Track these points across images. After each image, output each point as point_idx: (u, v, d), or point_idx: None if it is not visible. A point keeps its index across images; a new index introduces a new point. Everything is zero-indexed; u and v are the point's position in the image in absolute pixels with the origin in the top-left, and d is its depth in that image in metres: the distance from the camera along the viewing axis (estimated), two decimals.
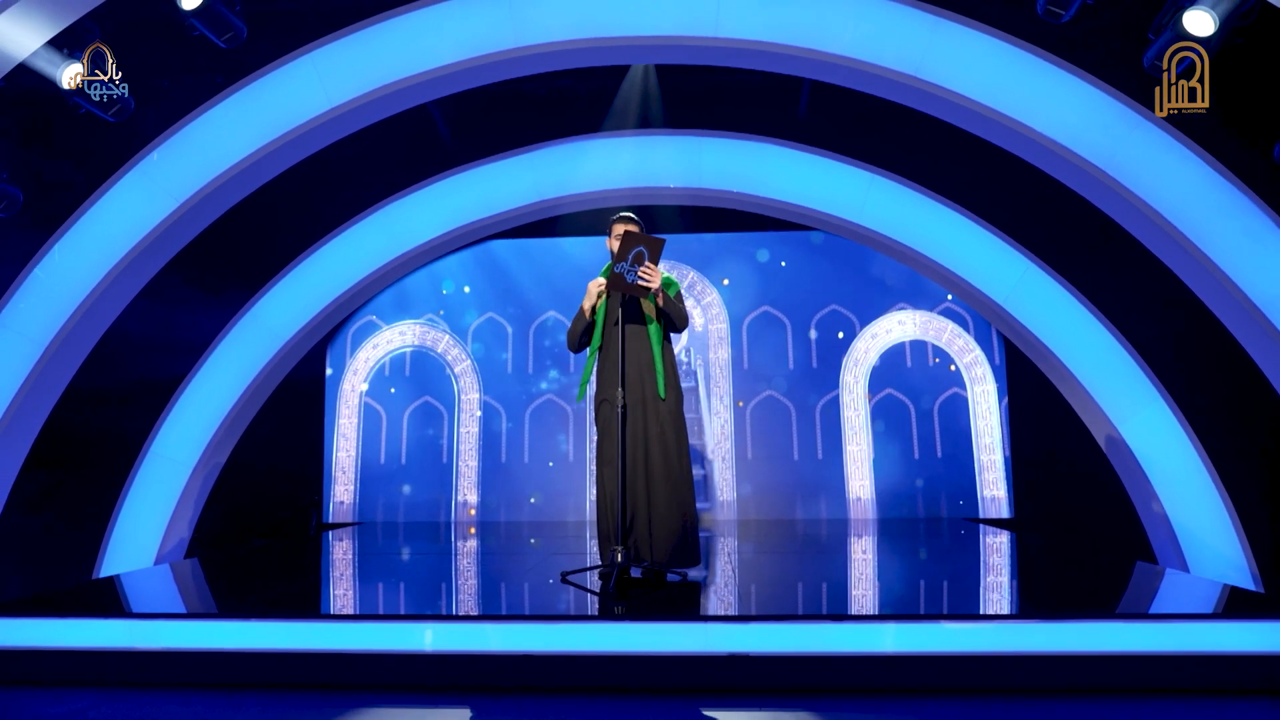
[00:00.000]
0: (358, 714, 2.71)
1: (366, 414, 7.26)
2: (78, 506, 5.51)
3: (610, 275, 3.43)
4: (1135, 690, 2.83)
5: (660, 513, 3.59)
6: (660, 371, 3.60)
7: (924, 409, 7.02)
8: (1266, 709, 2.67)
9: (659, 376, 3.60)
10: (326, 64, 4.71)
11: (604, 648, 2.95)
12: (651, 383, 3.61)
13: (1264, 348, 4.42)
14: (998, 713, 2.67)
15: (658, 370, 3.61)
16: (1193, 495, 5.28)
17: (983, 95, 4.54)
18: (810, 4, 4.59)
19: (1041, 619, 2.93)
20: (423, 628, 3.01)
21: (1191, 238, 4.39)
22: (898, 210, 5.70)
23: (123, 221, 4.76)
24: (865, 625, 2.95)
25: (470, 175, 5.83)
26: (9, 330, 4.70)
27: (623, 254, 3.42)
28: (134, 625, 3.12)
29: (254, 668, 2.96)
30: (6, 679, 3.11)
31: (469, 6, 4.64)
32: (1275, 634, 2.84)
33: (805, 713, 2.69)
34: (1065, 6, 3.92)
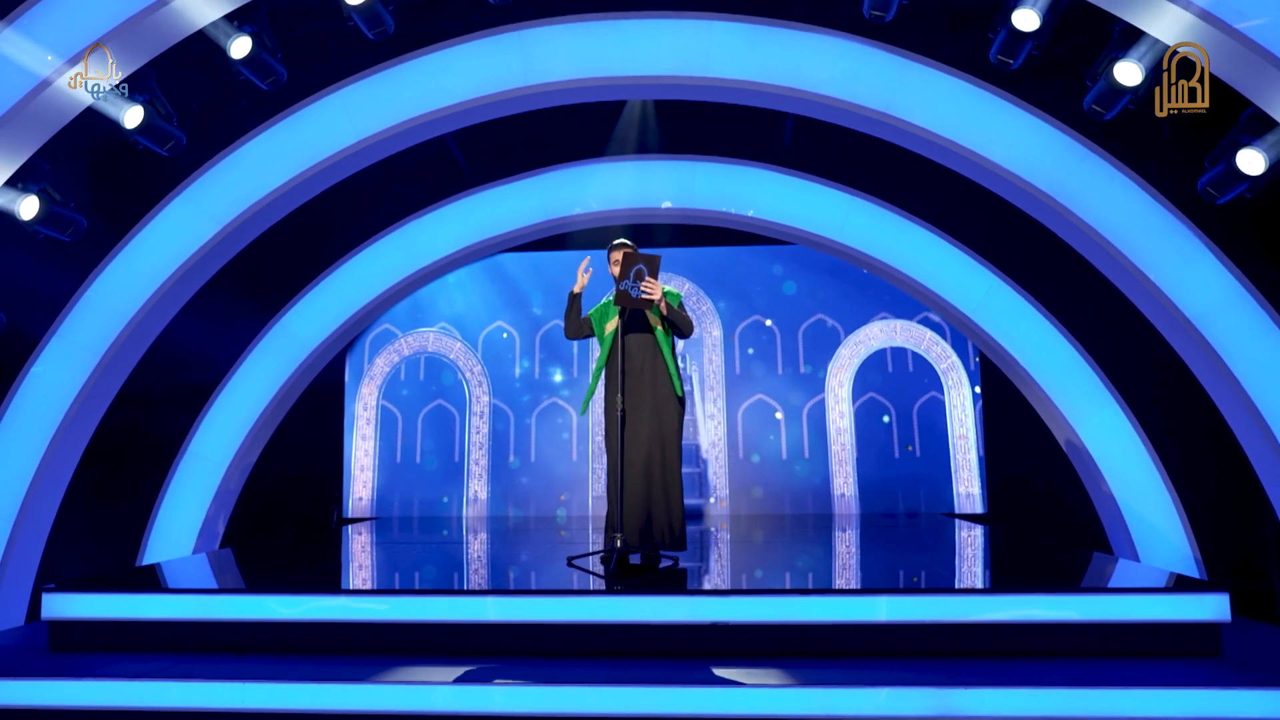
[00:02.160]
0: (394, 670, 3.22)
1: (383, 416, 7.76)
2: (123, 500, 6.01)
3: (616, 293, 3.92)
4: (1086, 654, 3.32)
5: (657, 506, 4.10)
6: (674, 373, 4.08)
7: (904, 411, 7.52)
8: (1196, 668, 3.17)
9: (673, 377, 4.07)
10: (355, 100, 5.22)
11: (606, 618, 3.45)
12: (665, 383, 4.08)
13: (1196, 357, 4.92)
14: (944, 672, 3.18)
15: (671, 372, 4.08)
16: (1143, 491, 5.77)
17: (946, 129, 5.04)
18: (792, 47, 5.09)
19: (999, 593, 3.44)
20: (451, 601, 3.52)
21: (1131, 258, 4.89)
22: (875, 229, 6.20)
23: (170, 243, 5.27)
24: (829, 598, 3.46)
25: (482, 196, 6.34)
26: (68, 341, 5.20)
27: (625, 273, 3.90)
28: (202, 600, 3.63)
29: (292, 635, 3.48)
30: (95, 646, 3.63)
31: (483, 49, 5.15)
32: (1198, 605, 3.35)
33: (778, 670, 3.19)
34: (1014, 56, 4.42)
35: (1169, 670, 3.15)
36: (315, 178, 5.29)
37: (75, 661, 3.48)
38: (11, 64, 4.19)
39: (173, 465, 6.20)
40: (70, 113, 4.44)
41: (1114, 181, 4.88)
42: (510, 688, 3.05)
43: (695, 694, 3.02)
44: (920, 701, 2.99)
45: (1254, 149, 4.13)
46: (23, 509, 5.14)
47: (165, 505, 6.17)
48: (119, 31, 4.21)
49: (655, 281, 3.90)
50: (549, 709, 3.03)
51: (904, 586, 3.68)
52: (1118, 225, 4.92)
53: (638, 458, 4.07)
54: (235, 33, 4.58)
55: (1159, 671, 3.13)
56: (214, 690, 3.15)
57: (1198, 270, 4.78)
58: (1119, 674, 3.09)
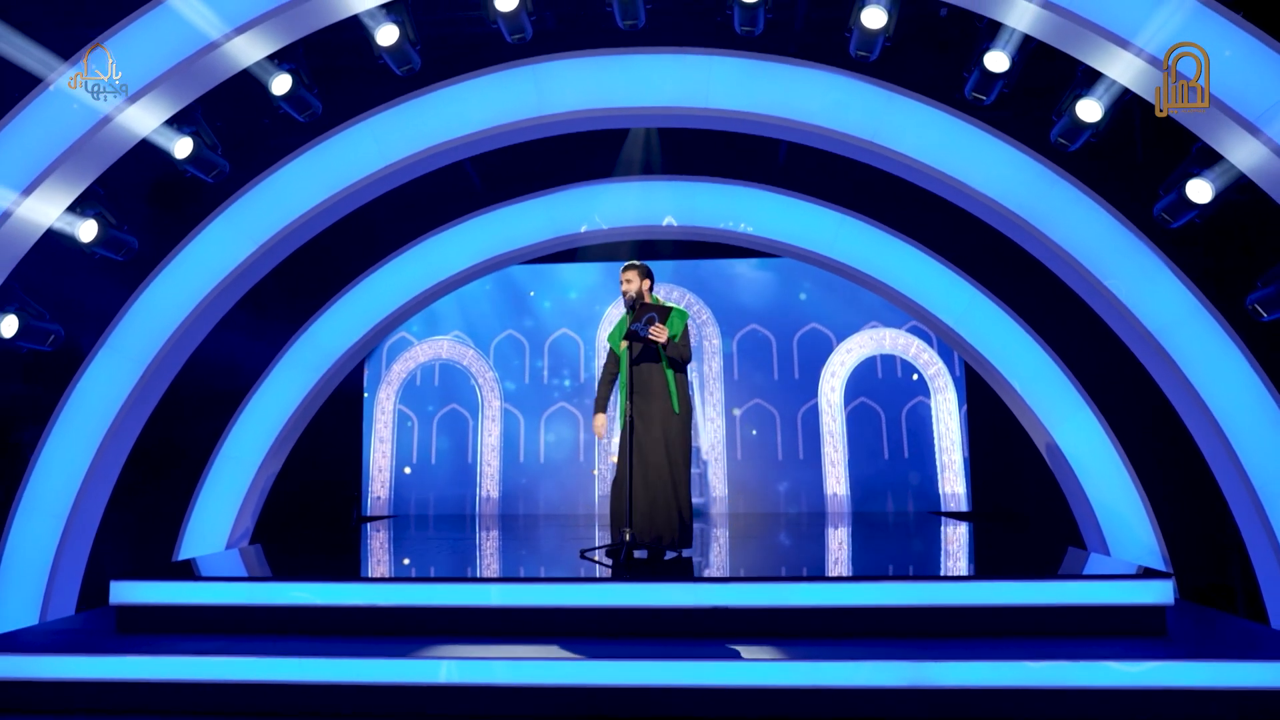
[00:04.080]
0: (432, 647, 3.64)
1: (400, 420, 8.19)
2: (161, 499, 6.43)
3: (628, 331, 4.52)
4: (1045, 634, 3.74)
5: (666, 505, 4.53)
6: (674, 394, 4.58)
7: (893, 415, 7.95)
8: (1141, 645, 3.61)
9: (673, 397, 4.57)
10: (382, 129, 5.64)
11: (618, 602, 3.88)
12: (666, 402, 4.58)
13: (1158, 366, 5.35)
14: (920, 648, 3.61)
15: (671, 393, 4.58)
16: (1114, 490, 6.19)
17: (927, 156, 5.47)
18: (784, 80, 5.51)
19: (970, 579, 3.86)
20: (487, 587, 3.95)
21: (1098, 275, 5.32)
22: (863, 245, 6.63)
23: (210, 261, 5.69)
24: (818, 585, 3.89)
25: (496, 215, 6.76)
26: (116, 352, 5.62)
27: (637, 318, 4.47)
28: (253, 587, 4.06)
29: (330, 619, 3.91)
30: (157, 629, 4.05)
31: (500, 82, 5.57)
32: (1145, 590, 3.80)
33: (772, 647, 3.62)
34: (986, 93, 4.85)
35: (1116, 646, 3.57)
36: (345, 200, 5.71)
37: (141, 641, 3.90)
38: (76, 101, 4.61)
39: (206, 466, 6.61)
40: (127, 145, 4.86)
41: (1081, 205, 5.31)
42: (537, 662, 3.48)
43: (699, 667, 3.44)
44: (897, 674, 3.41)
45: (1202, 179, 4.56)
46: (74, 507, 5.55)
47: (199, 504, 6.58)
48: (174, 72, 4.63)
49: (663, 327, 4.46)
50: (572, 680, 3.45)
51: (885, 575, 4.11)
52: (1085, 245, 5.34)
53: (646, 462, 4.52)
54: (276, 71, 5.01)
55: (1107, 647, 3.56)
56: (262, 665, 3.56)
57: (1157, 287, 5.20)
58: (1072, 650, 3.52)
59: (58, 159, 4.64)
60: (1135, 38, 4.26)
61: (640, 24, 5.04)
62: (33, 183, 4.64)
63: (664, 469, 4.53)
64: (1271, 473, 5.07)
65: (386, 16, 4.90)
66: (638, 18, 4.98)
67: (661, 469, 4.52)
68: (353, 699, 3.46)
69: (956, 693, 3.37)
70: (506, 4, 4.90)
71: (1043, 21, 4.44)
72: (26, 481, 5.53)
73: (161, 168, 5.20)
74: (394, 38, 4.95)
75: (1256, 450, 5.11)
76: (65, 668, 3.66)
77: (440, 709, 3.42)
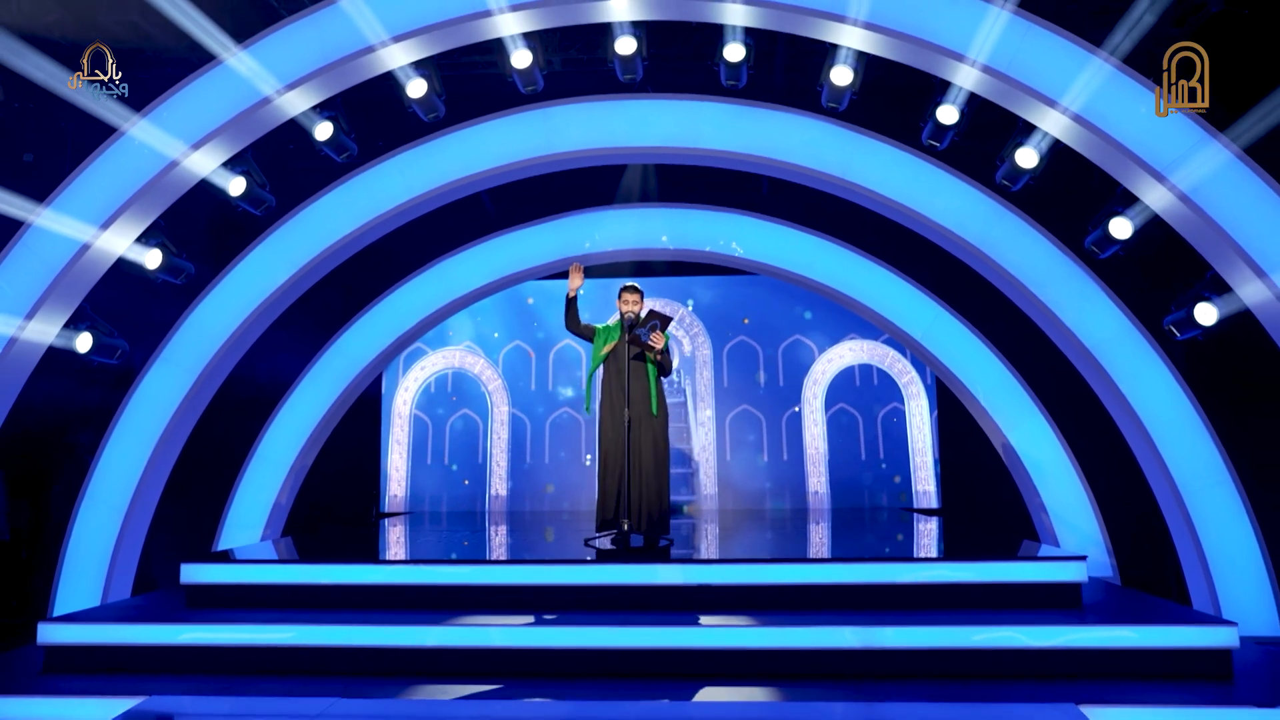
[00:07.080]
0: (455, 618, 4.32)
1: (415, 424, 8.88)
2: (203, 495, 7.11)
3: (630, 334, 5.09)
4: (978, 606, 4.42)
5: (650, 497, 5.21)
6: (654, 396, 5.23)
7: (870, 420, 8.66)
8: (1056, 614, 4.29)
9: (653, 400, 5.24)
10: (409, 165, 6.34)
11: (619, 580, 4.56)
12: (647, 403, 5.24)
13: (1095, 377, 6.07)
14: (872, 617, 4.30)
15: (652, 396, 5.24)
16: (1062, 486, 6.89)
17: (891, 191, 6.18)
18: (765, 123, 6.23)
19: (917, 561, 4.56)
20: (513, 569, 4.64)
21: (1041, 297, 6.02)
22: (838, 266, 7.33)
23: (254, 282, 6.38)
24: (789, 565, 4.58)
25: (508, 238, 7.47)
26: (171, 363, 6.31)
27: (644, 322, 5.09)
28: (305, 568, 4.74)
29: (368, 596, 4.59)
30: (221, 604, 4.72)
31: (514, 124, 6.28)
32: (1063, 569, 4.50)
33: (747, 617, 4.31)
34: (940, 139, 5.56)
35: (1034, 615, 4.27)
36: (375, 228, 6.41)
37: (209, 614, 4.58)
38: (146, 148, 5.30)
39: (243, 465, 7.28)
40: (189, 184, 5.55)
41: (1027, 235, 6.03)
42: (550, 629, 4.17)
43: (685, 631, 4.13)
44: (851, 636, 4.10)
45: (1124, 217, 5.27)
46: (133, 501, 6.25)
47: (237, 499, 7.26)
48: (233, 123, 5.33)
49: (663, 336, 5.09)
50: (579, 644, 4.13)
51: (846, 557, 4.80)
52: (1030, 270, 6.06)
53: (637, 458, 5.19)
54: (318, 118, 5.70)
55: (1026, 615, 4.26)
56: (315, 631, 4.25)
57: (1094, 308, 5.92)
58: (997, 618, 4.21)
59: (130, 198, 5.34)
60: (1061, 99, 4.97)
61: (638, 78, 5.74)
62: (109, 219, 5.34)
63: (651, 462, 5.18)
64: (1191, 473, 5.79)
65: (416, 72, 5.60)
66: (635, 73, 5.68)
67: (649, 463, 5.17)
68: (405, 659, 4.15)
69: (900, 653, 4.06)
70: (521, 61, 5.59)
71: (983, 83, 5.15)
72: (90, 478, 6.22)
73: (215, 201, 5.89)
74: (422, 90, 5.64)
75: (1179, 453, 5.83)
76: (154, 634, 4.34)
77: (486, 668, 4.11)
